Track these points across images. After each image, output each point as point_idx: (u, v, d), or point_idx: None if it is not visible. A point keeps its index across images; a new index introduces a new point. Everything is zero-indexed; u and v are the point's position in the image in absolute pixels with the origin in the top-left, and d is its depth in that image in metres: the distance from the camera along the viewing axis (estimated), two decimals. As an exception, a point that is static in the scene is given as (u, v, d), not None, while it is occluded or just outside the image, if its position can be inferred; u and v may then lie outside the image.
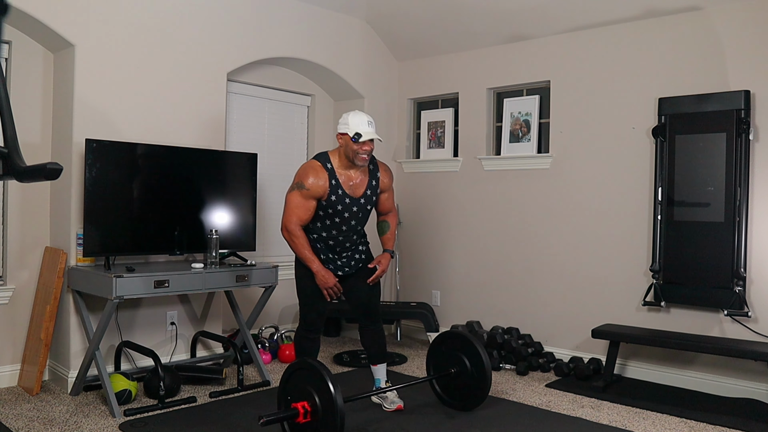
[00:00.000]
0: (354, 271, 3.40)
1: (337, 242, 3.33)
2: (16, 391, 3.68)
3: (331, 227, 3.28)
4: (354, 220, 3.31)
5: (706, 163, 3.90)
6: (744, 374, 3.81)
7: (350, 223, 3.30)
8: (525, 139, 4.82)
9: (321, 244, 3.32)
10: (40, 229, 3.88)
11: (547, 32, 4.66)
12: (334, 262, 3.34)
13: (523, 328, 4.78)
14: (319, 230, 3.29)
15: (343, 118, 3.24)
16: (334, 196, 3.20)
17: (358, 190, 3.29)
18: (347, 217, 3.28)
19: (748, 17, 3.83)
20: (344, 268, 3.36)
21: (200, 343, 4.29)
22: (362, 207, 3.32)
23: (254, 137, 5.01)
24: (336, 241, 3.32)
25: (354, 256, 3.40)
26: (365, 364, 4.50)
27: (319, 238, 3.30)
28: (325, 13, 5.00)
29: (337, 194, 3.21)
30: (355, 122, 3.16)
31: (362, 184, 3.31)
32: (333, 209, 3.22)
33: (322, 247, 3.31)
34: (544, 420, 3.40)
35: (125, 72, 3.88)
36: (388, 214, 3.57)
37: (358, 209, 3.30)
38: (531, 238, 4.77)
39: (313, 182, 3.17)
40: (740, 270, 3.78)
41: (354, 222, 3.32)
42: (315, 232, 3.30)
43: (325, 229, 3.29)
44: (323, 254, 3.31)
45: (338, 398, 2.67)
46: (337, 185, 3.21)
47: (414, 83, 5.54)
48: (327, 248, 3.32)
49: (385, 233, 3.54)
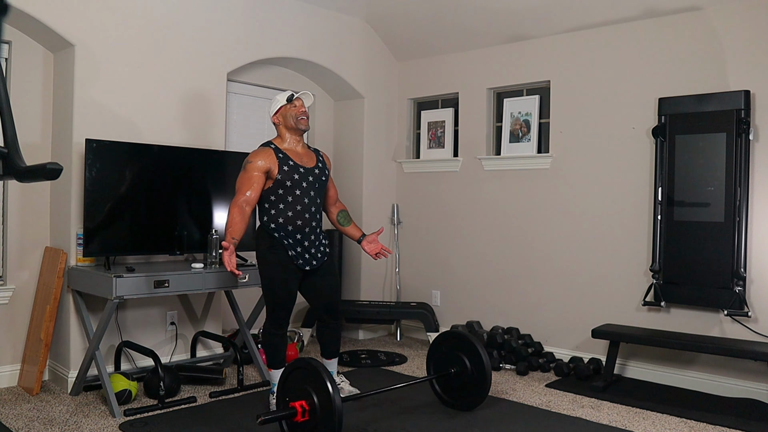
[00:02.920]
0: (319, 265, 3.39)
1: (300, 230, 3.28)
2: (16, 391, 3.69)
3: (293, 203, 3.26)
4: (312, 191, 3.33)
5: (706, 163, 3.90)
6: (744, 374, 3.81)
7: (310, 194, 3.31)
8: (525, 139, 4.82)
9: (285, 235, 3.27)
10: (40, 229, 3.88)
11: (547, 32, 4.66)
12: (302, 255, 3.31)
13: (523, 328, 4.78)
14: (282, 213, 3.26)
15: (271, 102, 3.41)
16: (285, 166, 3.25)
17: (309, 162, 3.38)
18: (305, 187, 3.30)
19: (748, 17, 3.83)
20: (312, 262, 3.34)
21: (200, 343, 4.30)
22: (317, 177, 3.37)
23: (254, 137, 5.00)
24: (297, 227, 3.27)
25: (320, 248, 3.39)
26: (365, 364, 4.51)
27: (282, 227, 3.26)
28: (325, 13, 5.01)
29: (288, 165, 3.27)
30: (283, 94, 3.36)
31: (311, 160, 3.40)
32: (290, 180, 3.25)
33: (290, 243, 3.27)
34: (544, 420, 3.40)
35: (125, 72, 3.89)
36: (338, 202, 3.66)
37: (313, 179, 3.34)
38: (531, 238, 4.77)
39: (257, 158, 3.25)
40: (740, 270, 3.78)
41: (313, 193, 3.33)
42: (278, 218, 3.26)
43: (288, 209, 3.26)
44: (291, 249, 3.27)
45: (336, 397, 2.68)
46: (285, 158, 3.28)
47: (414, 83, 5.54)
48: (294, 242, 3.28)
49: (348, 224, 3.63)
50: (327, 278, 3.45)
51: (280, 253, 3.26)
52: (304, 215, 3.30)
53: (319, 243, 3.40)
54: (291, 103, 3.32)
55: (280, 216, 3.27)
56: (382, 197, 5.53)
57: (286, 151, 3.32)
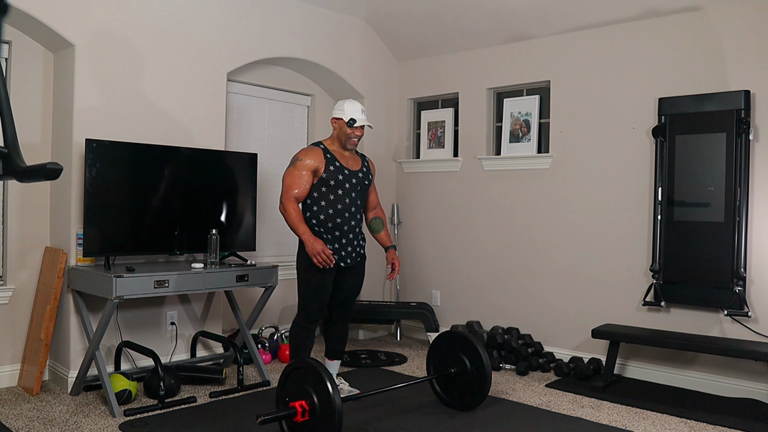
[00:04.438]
0: (353, 264, 3.52)
1: (339, 228, 3.42)
2: (16, 391, 3.69)
3: (335, 202, 3.41)
4: (354, 193, 3.48)
5: (706, 163, 3.90)
6: (744, 374, 3.81)
7: (351, 195, 3.46)
8: (525, 139, 4.82)
9: (325, 231, 3.42)
10: (40, 229, 3.88)
11: (547, 32, 4.66)
12: (339, 252, 3.45)
13: (523, 328, 4.78)
14: (324, 210, 3.40)
15: (338, 104, 3.52)
16: (331, 166, 3.41)
17: (354, 166, 3.52)
18: (348, 188, 3.45)
19: (748, 17, 3.83)
20: (347, 260, 3.47)
21: (200, 343, 4.30)
22: (360, 181, 3.52)
23: (254, 137, 5.01)
24: (337, 225, 3.41)
25: (356, 249, 3.52)
26: (365, 364, 4.51)
27: (323, 223, 3.41)
28: (325, 13, 5.01)
29: (334, 165, 3.43)
30: (350, 109, 3.47)
31: (356, 164, 3.55)
32: (334, 179, 3.40)
33: (328, 237, 3.42)
34: (544, 420, 3.40)
35: (125, 72, 3.88)
36: (377, 208, 3.76)
37: (356, 182, 3.49)
38: (531, 238, 4.77)
39: (307, 156, 3.41)
40: (740, 270, 3.78)
41: (354, 195, 3.48)
42: (319, 214, 3.40)
43: (329, 206, 3.40)
44: (329, 244, 3.42)
45: (336, 397, 2.68)
46: (332, 158, 3.44)
47: (414, 83, 5.54)
48: (333, 238, 3.43)
49: (381, 230, 3.74)
50: (354, 278, 3.58)
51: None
52: (344, 214, 3.43)
53: (357, 243, 3.53)
54: (350, 126, 3.44)
55: (321, 213, 3.41)
56: (382, 197, 5.48)
57: (334, 152, 3.48)
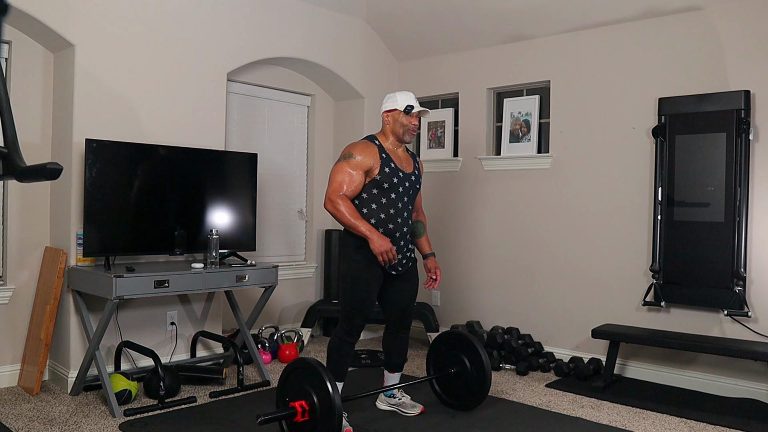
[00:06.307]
0: (404, 271, 3.30)
1: (391, 234, 3.16)
2: (16, 391, 3.68)
3: (387, 206, 3.15)
4: (406, 197, 3.24)
5: (706, 163, 3.90)
6: (744, 374, 3.81)
7: (404, 199, 3.22)
8: (525, 139, 4.82)
9: None
10: (40, 229, 3.88)
11: (547, 32, 4.66)
12: None
13: (523, 328, 4.78)
14: (375, 213, 3.14)
15: (388, 97, 3.31)
16: (387, 168, 3.15)
17: (408, 167, 3.29)
18: (401, 192, 3.20)
19: (748, 17, 3.83)
20: (398, 267, 3.23)
21: (200, 343, 4.30)
22: (413, 184, 3.29)
23: (254, 137, 5.01)
24: (388, 230, 3.15)
25: (407, 254, 3.29)
26: (365, 364, 4.50)
27: (374, 227, 3.14)
28: (325, 13, 5.01)
29: (390, 167, 3.17)
30: (404, 98, 3.25)
31: (409, 164, 3.32)
32: (389, 182, 3.14)
33: None
34: (544, 420, 3.40)
35: (125, 72, 3.89)
36: (420, 212, 3.55)
37: (409, 185, 3.26)
38: (531, 238, 4.77)
39: (363, 153, 3.13)
40: (740, 270, 3.77)
41: (406, 199, 3.24)
42: (369, 218, 3.14)
43: (381, 210, 3.14)
44: None
45: (336, 397, 2.68)
46: (388, 158, 3.18)
47: (414, 83, 5.54)
48: None
49: (422, 235, 3.48)
50: (408, 284, 3.34)
51: (368, 253, 3.08)
52: (397, 219, 3.19)
53: (407, 249, 3.29)
54: (407, 113, 3.21)
55: (372, 216, 3.14)
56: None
57: (389, 151, 3.22)
